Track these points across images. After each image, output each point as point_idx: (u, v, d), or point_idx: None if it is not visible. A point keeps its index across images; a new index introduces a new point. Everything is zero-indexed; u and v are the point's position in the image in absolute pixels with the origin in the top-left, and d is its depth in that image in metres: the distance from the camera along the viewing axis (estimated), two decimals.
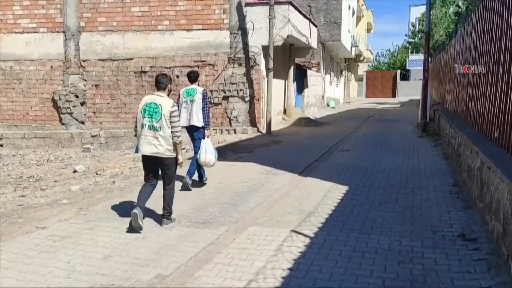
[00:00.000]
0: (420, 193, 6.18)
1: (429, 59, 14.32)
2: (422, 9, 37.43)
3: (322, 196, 6.10)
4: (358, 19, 35.02)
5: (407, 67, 47.50)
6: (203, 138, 6.59)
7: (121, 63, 13.88)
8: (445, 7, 28.42)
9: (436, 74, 16.31)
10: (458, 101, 9.31)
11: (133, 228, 4.64)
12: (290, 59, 16.09)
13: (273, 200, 5.97)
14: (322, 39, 23.10)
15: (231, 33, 13.29)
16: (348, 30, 27.19)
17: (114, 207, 5.77)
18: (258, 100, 13.30)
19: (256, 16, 13.02)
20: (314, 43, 17.16)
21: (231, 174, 7.75)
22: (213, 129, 13.40)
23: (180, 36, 13.50)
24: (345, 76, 34.06)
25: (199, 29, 13.41)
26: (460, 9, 23.43)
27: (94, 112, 14.15)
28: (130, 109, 13.99)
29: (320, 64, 23.35)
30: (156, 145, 4.67)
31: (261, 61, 13.21)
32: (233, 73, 13.40)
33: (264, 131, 13.14)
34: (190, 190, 6.47)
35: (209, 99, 13.41)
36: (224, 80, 13.40)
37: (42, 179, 9.17)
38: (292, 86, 17.01)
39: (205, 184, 6.91)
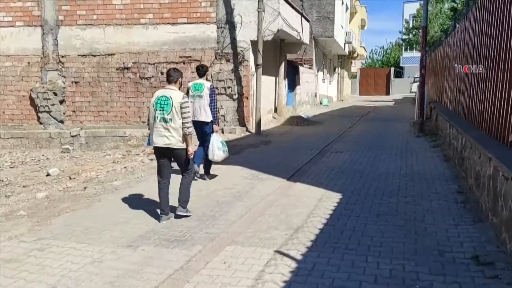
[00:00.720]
0: (422, 202, 5.53)
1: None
2: (416, 5, 36.95)
3: (312, 206, 5.43)
4: (352, 15, 34.40)
5: (401, 64, 47.07)
6: (212, 133, 6.65)
7: (102, 59, 13.11)
8: (440, 3, 27.87)
9: (432, 71, 15.71)
10: (459, 99, 8.69)
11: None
12: (281, 55, 15.40)
13: (257, 211, 5.29)
14: (315, 35, 22.43)
15: (218, 27, 12.57)
16: (342, 26, 26.53)
17: (76, 221, 5.06)
18: (247, 98, 12.60)
19: (244, 9, 12.31)
20: (306, 39, 16.48)
21: (214, 179, 7.06)
22: None
23: (165, 30, 12.76)
24: (338, 73, 33.45)
25: (185, 23, 12.67)
26: (456, 5, 22.87)
27: (74, 111, 13.37)
28: (112, 107, 13.23)
29: (312, 61, 22.69)
30: (168, 136, 4.78)
31: (250, 57, 12.51)
32: (220, 70, 12.69)
33: (253, 130, 12.45)
34: (197, 180, 6.70)
35: None
36: (211, 76, 12.68)
37: (11, 183, 8.43)
38: (284, 83, 16.33)
39: (204, 179, 6.96)
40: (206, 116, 6.61)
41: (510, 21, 4.74)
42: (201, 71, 6.78)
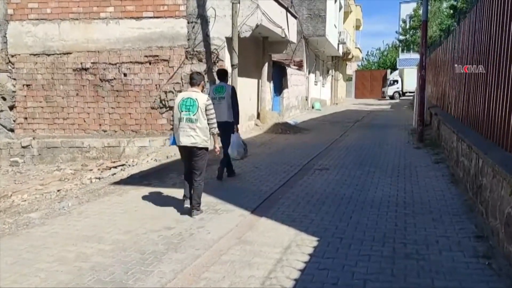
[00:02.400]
0: (429, 254, 3.93)
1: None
2: (413, 6, 35.46)
3: (275, 262, 3.83)
4: (346, 15, 32.89)
5: (398, 66, 45.50)
6: (233, 133, 6.91)
7: (58, 59, 11.48)
8: (438, 1, 26.35)
9: (431, 72, 14.13)
10: (468, 105, 7.10)
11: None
12: (264, 55, 13.80)
13: (192, 274, 3.67)
14: (305, 34, 20.87)
15: (188, 22, 10.97)
16: (335, 25, 24.99)
17: None
18: None
19: (218, 1, 10.71)
20: (292, 37, 14.88)
21: (153, 212, 5.43)
22: (168, 139, 11.08)
23: (128, 26, 11.15)
24: (332, 76, 31.89)
25: (150, 17, 11.07)
26: (456, 2, 21.36)
27: (26, 118, 11.72)
28: (69, 114, 11.60)
29: (303, 62, 21.12)
30: (194, 136, 5.01)
31: (226, 56, 10.91)
32: (191, 71, 11.07)
33: None
34: (221, 179, 7.00)
35: (164, 102, 11.15)
36: (181, 79, 11.08)
37: None
38: (268, 86, 14.73)
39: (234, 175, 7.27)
40: (228, 116, 6.80)
41: None
42: (223, 75, 7.15)
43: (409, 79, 38.45)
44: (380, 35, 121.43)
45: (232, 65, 10.45)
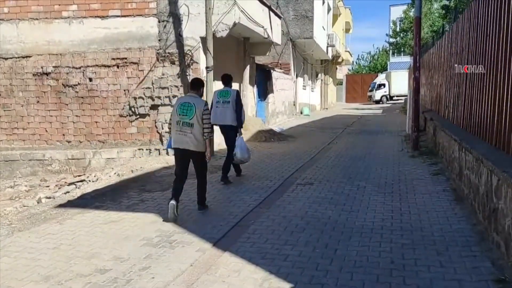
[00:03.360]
0: None
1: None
2: (403, 8, 34.78)
3: None
4: (335, 17, 32.11)
5: (388, 70, 44.85)
6: (237, 137, 6.95)
7: (16, 63, 10.38)
8: (429, 2, 25.62)
9: (424, 74, 13.23)
10: (472, 111, 6.15)
11: (169, 219, 5.03)
12: (245, 57, 12.81)
13: None
14: (292, 36, 19.95)
15: (159, 21, 9.95)
16: (323, 28, 24.12)
17: None
18: None
19: None
20: (277, 38, 13.92)
21: (91, 247, 4.36)
22: (139, 149, 10.03)
23: (93, 26, 10.09)
24: (321, 80, 31.02)
25: (118, 16, 10.02)
26: (448, 2, 20.60)
27: None
28: (30, 123, 10.49)
29: (290, 65, 20.19)
30: (189, 139, 5.15)
31: (201, 58, 9.89)
32: (163, 74, 10.06)
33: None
34: (231, 182, 7.02)
35: (133, 110, 10.11)
36: (152, 83, 10.04)
37: None
38: (251, 91, 13.75)
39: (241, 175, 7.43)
40: (232, 120, 6.89)
41: None
42: (227, 80, 7.19)
43: (397, 82, 37.23)
44: (371, 40, 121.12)
45: (207, 68, 9.44)
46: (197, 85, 5.47)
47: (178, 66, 10.02)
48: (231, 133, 6.98)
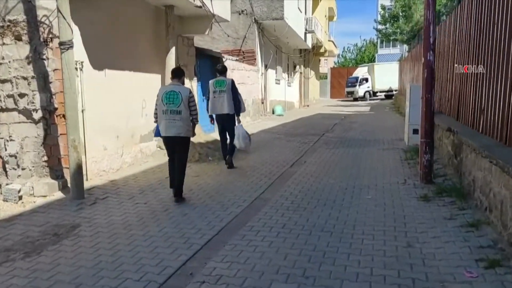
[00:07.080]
0: None
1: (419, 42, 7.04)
2: None
3: None
4: (316, 2, 28.07)
5: (376, 62, 41.08)
6: (236, 124, 7.28)
7: None
8: None
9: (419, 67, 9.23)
10: None
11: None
12: (168, 35, 8.64)
13: None
14: (257, 16, 15.85)
15: None
16: (299, 9, 20.07)
17: None
18: (63, 116, 5.83)
19: None
20: (222, 11, 9.77)
21: None
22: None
23: None
24: (301, 73, 27.01)
25: None
26: None
27: None
28: None
29: (255, 54, 16.10)
30: (178, 126, 5.29)
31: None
32: (2, 58, 5.95)
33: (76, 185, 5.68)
34: (234, 167, 7.35)
35: None
36: None
37: None
38: (189, 85, 9.63)
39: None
40: (229, 109, 7.13)
41: None
42: (221, 70, 7.47)
43: (381, 76, 32.49)
44: (357, 33, 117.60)
45: (61, 44, 5.31)
46: (178, 74, 5.57)
47: (28, 44, 5.89)
48: (229, 121, 7.26)
